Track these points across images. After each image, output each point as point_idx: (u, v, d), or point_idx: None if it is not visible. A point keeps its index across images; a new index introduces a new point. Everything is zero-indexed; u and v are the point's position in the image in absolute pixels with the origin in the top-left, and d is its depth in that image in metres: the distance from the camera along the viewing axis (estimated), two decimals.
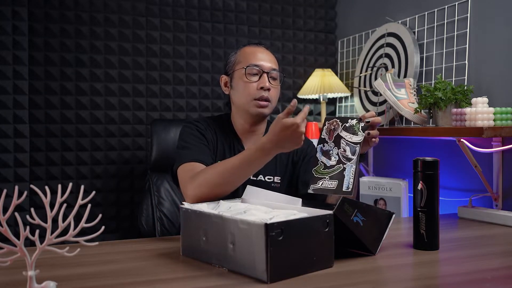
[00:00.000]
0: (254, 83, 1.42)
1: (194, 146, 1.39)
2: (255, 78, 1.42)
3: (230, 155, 1.43)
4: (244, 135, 1.50)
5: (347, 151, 1.22)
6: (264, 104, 1.42)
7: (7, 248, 0.74)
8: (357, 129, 1.24)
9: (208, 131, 1.45)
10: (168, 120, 2.11)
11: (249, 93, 1.42)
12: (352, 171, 1.19)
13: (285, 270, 0.91)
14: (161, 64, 2.39)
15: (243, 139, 1.49)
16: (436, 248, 1.14)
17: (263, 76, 1.42)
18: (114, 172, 2.31)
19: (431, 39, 2.05)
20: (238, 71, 1.45)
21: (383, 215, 1.12)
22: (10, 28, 2.12)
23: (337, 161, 1.22)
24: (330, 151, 1.24)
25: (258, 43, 1.51)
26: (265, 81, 1.41)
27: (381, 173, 2.38)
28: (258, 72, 1.42)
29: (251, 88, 1.42)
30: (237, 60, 1.47)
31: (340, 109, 2.72)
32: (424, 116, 1.84)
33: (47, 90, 2.19)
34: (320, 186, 1.21)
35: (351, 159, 1.21)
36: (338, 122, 1.27)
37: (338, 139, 1.24)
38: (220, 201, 1.19)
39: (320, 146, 1.26)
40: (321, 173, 1.23)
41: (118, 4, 2.30)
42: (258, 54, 1.45)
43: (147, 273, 0.98)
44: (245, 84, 1.43)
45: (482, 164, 1.73)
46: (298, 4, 2.67)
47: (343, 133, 1.25)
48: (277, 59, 1.51)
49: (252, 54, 1.45)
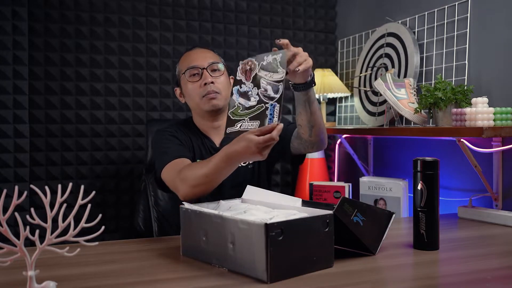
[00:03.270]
0: (197, 82, 1.50)
1: (169, 148, 1.46)
2: (197, 78, 1.51)
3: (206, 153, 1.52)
4: (209, 133, 1.57)
5: (269, 90, 1.16)
6: (213, 96, 1.49)
7: (7, 248, 0.74)
8: (276, 65, 1.17)
9: (180, 133, 1.53)
10: (164, 120, 2.12)
11: (196, 93, 1.51)
12: (276, 110, 1.13)
13: (285, 270, 0.91)
14: (161, 64, 2.39)
15: (211, 137, 1.56)
16: (436, 248, 1.14)
17: (203, 73, 1.50)
18: (114, 172, 2.31)
19: (431, 39, 2.05)
20: (182, 78, 1.54)
21: (383, 215, 1.12)
22: (10, 28, 2.12)
23: (257, 101, 1.16)
24: (248, 92, 1.19)
25: (192, 47, 1.61)
26: (206, 77, 1.49)
27: (381, 173, 2.38)
28: (198, 71, 1.51)
29: (196, 88, 1.50)
30: (179, 69, 1.57)
31: (340, 109, 2.72)
32: (424, 116, 1.84)
33: (47, 90, 2.19)
34: (239, 128, 1.16)
35: (273, 98, 1.14)
36: (254, 62, 1.21)
37: (257, 79, 1.18)
38: (220, 201, 1.20)
39: (237, 88, 1.21)
40: (239, 115, 1.18)
41: (118, 4, 2.30)
42: (192, 56, 1.55)
43: (147, 273, 0.98)
44: (190, 86, 1.51)
45: (482, 164, 1.73)
46: (298, 4, 2.67)
47: (261, 73, 1.18)
48: (218, 53, 1.59)
49: (187, 58, 1.55)
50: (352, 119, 2.59)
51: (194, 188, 1.28)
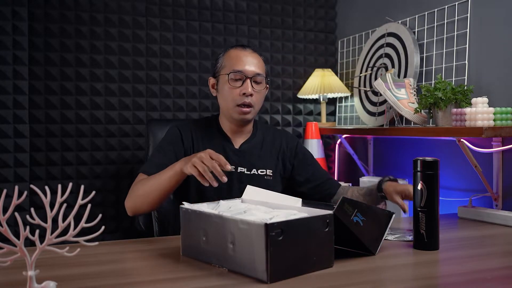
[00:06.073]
0: (237, 89, 1.45)
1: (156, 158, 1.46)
2: (238, 84, 1.45)
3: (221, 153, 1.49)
4: (233, 135, 1.55)
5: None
6: (246, 111, 1.46)
7: (7, 248, 0.74)
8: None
9: (186, 135, 1.51)
10: (164, 120, 2.11)
11: (232, 98, 1.46)
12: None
13: (285, 270, 0.91)
14: (161, 64, 2.39)
15: (233, 139, 1.55)
16: (436, 248, 1.14)
17: (246, 81, 1.45)
18: (114, 172, 2.31)
19: (431, 39, 2.05)
20: (223, 76, 1.48)
21: (383, 215, 1.12)
22: (10, 28, 2.12)
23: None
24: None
25: (244, 46, 1.53)
26: (247, 87, 1.44)
27: (381, 173, 2.38)
28: (241, 77, 1.45)
29: (234, 93, 1.46)
30: (223, 64, 1.50)
31: (340, 109, 2.72)
32: (424, 116, 1.84)
33: (47, 90, 2.19)
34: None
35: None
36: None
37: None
38: (220, 201, 1.19)
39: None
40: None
41: (118, 4, 2.30)
42: (242, 58, 1.47)
43: (147, 273, 0.98)
44: (229, 89, 1.46)
45: (482, 164, 1.73)
46: (298, 4, 2.67)
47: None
48: (264, 60, 1.54)
49: (236, 58, 1.47)
50: (352, 119, 2.59)
51: (134, 206, 1.36)
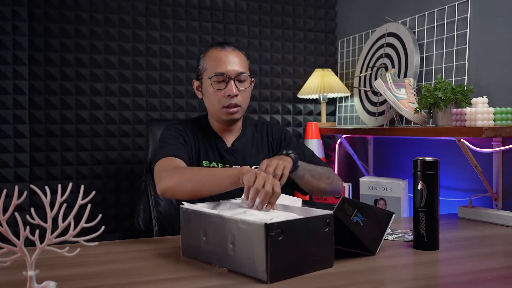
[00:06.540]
0: (221, 91, 1.44)
1: (171, 145, 1.44)
2: (222, 86, 1.44)
3: (213, 153, 1.51)
4: (223, 134, 1.55)
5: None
6: (234, 111, 1.46)
7: (7, 248, 0.74)
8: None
9: (187, 133, 1.51)
10: (164, 120, 2.11)
11: (218, 101, 1.45)
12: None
13: (285, 270, 0.91)
14: (161, 64, 2.39)
15: (224, 138, 1.55)
16: (436, 248, 1.14)
17: (229, 82, 1.44)
18: (114, 172, 2.31)
19: (431, 39, 2.05)
20: (205, 79, 1.47)
21: (383, 215, 1.12)
22: (10, 28, 2.12)
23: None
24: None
25: (222, 44, 1.49)
26: (232, 88, 1.43)
27: (381, 173, 2.38)
28: (224, 79, 1.44)
29: (219, 96, 1.45)
30: (204, 66, 1.48)
31: (340, 109, 2.72)
32: (424, 116, 1.84)
33: (47, 90, 2.19)
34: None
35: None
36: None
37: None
38: (220, 201, 1.20)
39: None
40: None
41: (118, 4, 2.30)
42: (223, 59, 1.45)
43: (147, 273, 0.98)
44: (213, 92, 1.45)
45: (482, 164, 1.73)
46: (298, 4, 2.67)
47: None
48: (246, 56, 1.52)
49: (217, 59, 1.45)
50: (352, 119, 2.59)
51: (176, 187, 1.28)
